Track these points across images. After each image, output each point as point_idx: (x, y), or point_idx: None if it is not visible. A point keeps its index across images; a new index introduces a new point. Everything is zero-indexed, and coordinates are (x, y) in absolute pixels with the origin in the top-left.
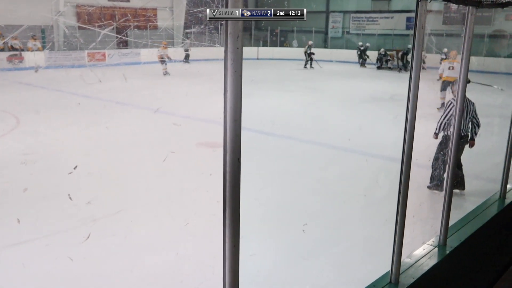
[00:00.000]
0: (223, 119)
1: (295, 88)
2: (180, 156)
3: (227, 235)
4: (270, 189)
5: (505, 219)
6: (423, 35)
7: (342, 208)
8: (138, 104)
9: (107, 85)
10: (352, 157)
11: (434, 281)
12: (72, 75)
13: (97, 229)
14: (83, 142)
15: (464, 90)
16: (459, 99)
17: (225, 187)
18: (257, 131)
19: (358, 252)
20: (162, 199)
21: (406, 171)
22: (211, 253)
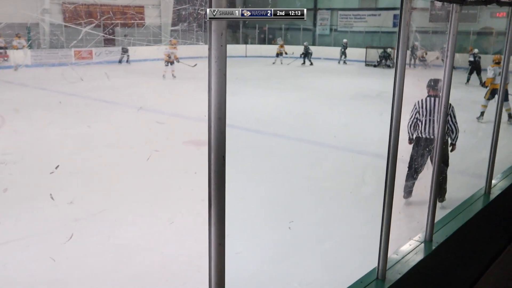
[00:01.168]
0: (207, 117)
1: (283, 86)
2: (165, 154)
3: (213, 233)
4: (257, 187)
5: (490, 214)
6: (408, 32)
7: (329, 205)
8: (121, 103)
9: (90, 84)
10: (338, 154)
11: (421, 276)
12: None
13: (80, 229)
14: (65, 141)
15: (449, 88)
16: (443, 98)
17: (210, 185)
18: (244, 128)
19: (345, 249)
20: (146, 198)
21: (392, 167)
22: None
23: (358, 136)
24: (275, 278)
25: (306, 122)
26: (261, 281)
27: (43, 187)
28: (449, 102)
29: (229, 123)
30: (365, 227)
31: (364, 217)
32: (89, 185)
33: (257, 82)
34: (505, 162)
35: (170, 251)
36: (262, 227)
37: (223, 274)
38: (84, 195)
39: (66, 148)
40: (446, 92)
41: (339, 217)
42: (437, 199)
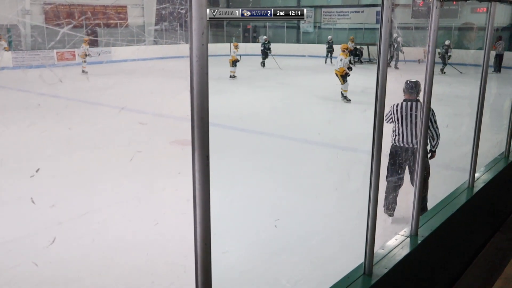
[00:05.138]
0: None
1: (267, 84)
2: (149, 155)
3: (198, 233)
4: (242, 185)
5: (473, 208)
6: (389, 28)
7: (315, 202)
8: (102, 103)
9: (71, 85)
10: (323, 151)
11: (407, 270)
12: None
13: (63, 233)
14: (45, 144)
15: (431, 87)
16: (426, 93)
17: (195, 185)
18: (229, 127)
19: (333, 245)
20: (130, 200)
21: (377, 163)
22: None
23: (343, 132)
24: (263, 276)
25: (290, 119)
26: (249, 280)
27: (24, 191)
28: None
29: (214, 122)
30: (352, 223)
31: (350, 213)
32: (71, 187)
33: (241, 81)
34: (487, 155)
35: (156, 252)
36: (249, 225)
37: (209, 274)
38: (66, 198)
39: (47, 151)
40: (428, 88)
41: (325, 213)
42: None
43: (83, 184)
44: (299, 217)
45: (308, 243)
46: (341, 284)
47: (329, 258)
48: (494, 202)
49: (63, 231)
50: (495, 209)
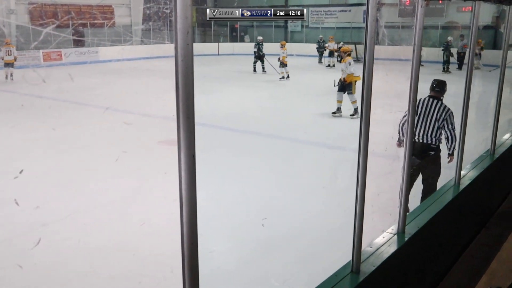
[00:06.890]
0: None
1: (255, 83)
2: (135, 155)
3: (185, 233)
4: (230, 185)
5: (460, 205)
6: (375, 27)
7: (303, 201)
8: (87, 103)
9: (55, 85)
10: (310, 150)
11: (395, 267)
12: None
13: (48, 234)
14: (28, 145)
15: (417, 84)
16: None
17: (181, 185)
18: (216, 126)
19: (321, 244)
20: (116, 200)
21: (363, 161)
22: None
23: (330, 130)
24: (252, 276)
25: (278, 118)
26: (237, 279)
27: (7, 193)
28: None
29: (202, 122)
30: (339, 221)
31: (338, 211)
32: (56, 188)
33: (229, 80)
34: (473, 153)
35: (143, 252)
36: (237, 225)
37: (196, 274)
38: (51, 199)
39: (30, 152)
40: (414, 86)
41: (313, 212)
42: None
43: (68, 185)
44: (287, 216)
45: (296, 242)
46: (329, 282)
47: (317, 256)
48: (480, 199)
49: (48, 232)
50: (481, 206)
